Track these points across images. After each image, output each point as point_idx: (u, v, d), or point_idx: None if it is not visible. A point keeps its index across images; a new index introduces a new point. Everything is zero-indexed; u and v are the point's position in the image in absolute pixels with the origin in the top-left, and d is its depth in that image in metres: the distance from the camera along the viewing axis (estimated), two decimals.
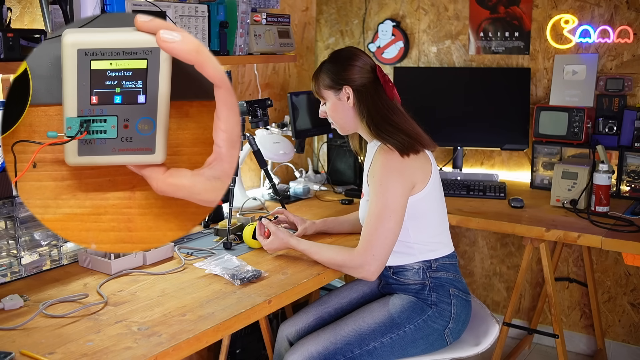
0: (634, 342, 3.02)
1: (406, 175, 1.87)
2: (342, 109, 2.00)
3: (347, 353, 1.85)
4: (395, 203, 1.85)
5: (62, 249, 1.93)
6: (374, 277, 1.86)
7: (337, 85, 1.98)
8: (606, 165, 2.50)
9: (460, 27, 3.23)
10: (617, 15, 2.84)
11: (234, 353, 2.70)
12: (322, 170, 3.26)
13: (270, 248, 2.01)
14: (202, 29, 2.28)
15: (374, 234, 1.84)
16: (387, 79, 1.98)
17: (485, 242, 3.34)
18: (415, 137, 1.92)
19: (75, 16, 1.83)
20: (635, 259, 2.20)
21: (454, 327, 1.94)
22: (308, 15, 3.43)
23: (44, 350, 1.39)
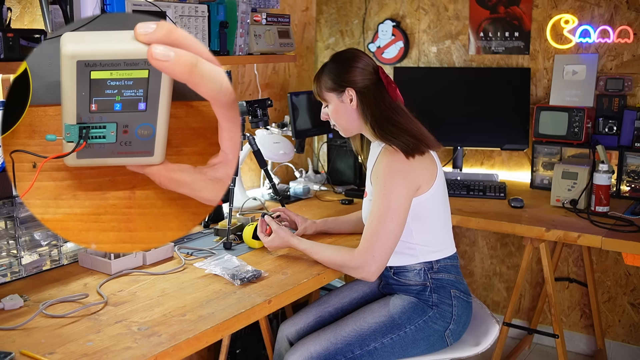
0: (634, 342, 3.02)
1: (411, 177, 1.86)
2: (344, 111, 1.98)
3: (347, 353, 1.85)
4: (399, 205, 1.84)
5: (62, 249, 1.93)
6: (373, 278, 1.86)
7: (340, 88, 1.96)
8: (606, 165, 2.50)
9: (460, 27, 3.23)
10: (617, 15, 2.84)
11: (234, 353, 2.70)
12: (322, 170, 3.26)
13: (271, 246, 2.01)
14: (202, 29, 2.28)
15: (376, 236, 1.83)
16: (389, 79, 1.97)
17: (485, 242, 3.34)
18: (420, 138, 1.91)
19: (75, 16, 1.83)
20: (635, 259, 2.20)
21: (454, 328, 1.94)
22: (308, 15, 3.43)
23: (44, 350, 1.39)
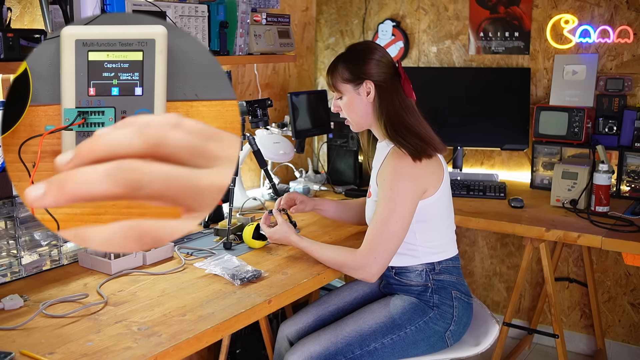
0: (634, 342, 3.02)
1: (418, 181, 1.85)
2: (359, 104, 1.95)
3: (347, 353, 1.85)
4: (404, 209, 1.83)
5: (62, 249, 1.93)
6: (374, 279, 1.86)
7: (358, 80, 1.92)
8: (606, 165, 2.50)
9: (460, 27, 3.23)
10: (617, 15, 2.84)
11: (234, 353, 2.70)
12: (322, 170, 3.26)
13: (272, 237, 2.01)
14: (202, 29, 2.28)
15: (379, 238, 1.83)
16: (406, 75, 1.94)
17: (485, 242, 3.34)
18: (429, 141, 1.89)
19: (75, 16, 1.83)
20: (635, 259, 2.20)
21: (455, 329, 1.94)
22: (308, 15, 3.43)
23: (44, 350, 1.39)
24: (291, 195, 2.18)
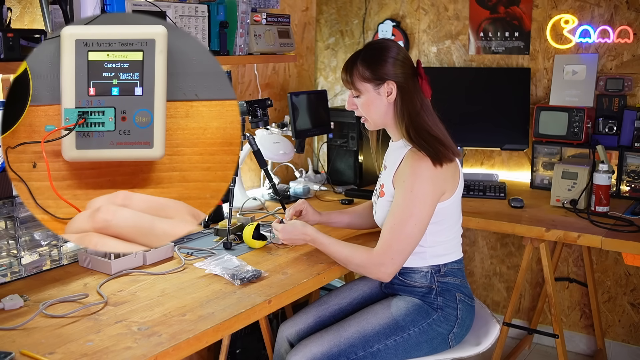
0: (634, 342, 3.02)
1: (438, 184, 1.84)
2: (378, 103, 1.91)
3: (350, 355, 1.84)
4: (423, 212, 1.83)
5: (62, 249, 1.93)
6: (388, 279, 1.87)
7: (379, 79, 1.89)
8: (606, 165, 2.50)
9: (460, 27, 3.23)
10: (617, 15, 2.84)
11: (234, 353, 2.70)
12: (322, 170, 3.26)
13: (285, 234, 1.97)
14: (202, 29, 2.28)
15: (396, 239, 1.82)
16: (426, 76, 1.91)
17: (485, 242, 3.34)
18: (449, 146, 1.88)
19: (75, 16, 1.83)
20: (635, 259, 2.20)
21: (458, 331, 1.94)
22: (308, 15, 3.43)
23: (44, 350, 1.39)
24: (301, 206, 2.15)
